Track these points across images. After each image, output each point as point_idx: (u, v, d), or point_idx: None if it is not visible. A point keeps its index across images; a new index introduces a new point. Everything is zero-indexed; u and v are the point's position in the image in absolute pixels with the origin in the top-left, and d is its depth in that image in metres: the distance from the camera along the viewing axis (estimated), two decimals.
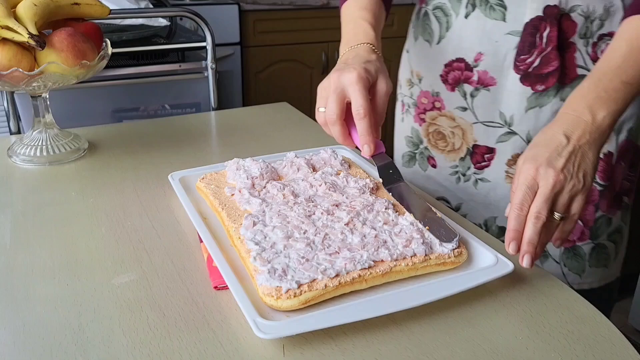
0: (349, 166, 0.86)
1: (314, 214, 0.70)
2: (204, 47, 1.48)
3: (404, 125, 1.06)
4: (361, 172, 0.84)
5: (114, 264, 0.68)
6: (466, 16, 0.88)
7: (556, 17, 0.82)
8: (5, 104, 1.33)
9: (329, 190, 0.76)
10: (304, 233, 0.66)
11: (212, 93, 1.43)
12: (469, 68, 0.90)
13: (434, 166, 1.01)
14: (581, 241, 0.92)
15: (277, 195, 0.75)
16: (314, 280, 0.59)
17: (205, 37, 1.43)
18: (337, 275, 0.59)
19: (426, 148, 1.02)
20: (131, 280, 0.65)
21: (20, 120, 1.41)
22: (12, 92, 1.34)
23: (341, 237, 0.66)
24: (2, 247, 0.72)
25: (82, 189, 0.88)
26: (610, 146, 0.88)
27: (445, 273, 0.65)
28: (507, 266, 0.64)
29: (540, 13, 0.82)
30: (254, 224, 0.68)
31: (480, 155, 0.95)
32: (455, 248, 0.65)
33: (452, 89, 0.94)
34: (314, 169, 0.82)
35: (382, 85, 0.72)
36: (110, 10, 1.02)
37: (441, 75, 0.95)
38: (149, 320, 0.58)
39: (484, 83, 0.90)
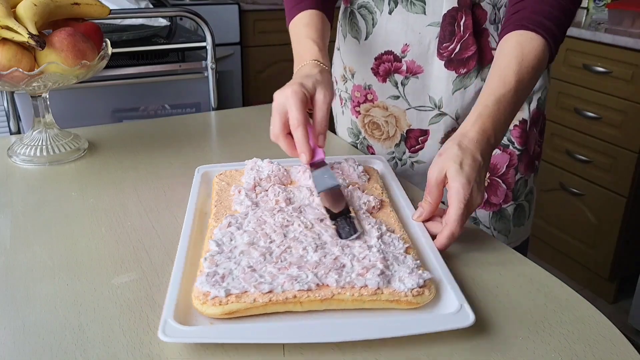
0: (369, 179, 0.83)
1: (292, 224, 0.68)
2: (204, 47, 1.48)
3: (345, 118, 1.13)
4: (377, 187, 0.80)
5: (114, 264, 0.68)
6: (390, 12, 0.95)
7: (469, 7, 0.91)
8: (5, 104, 1.33)
9: None
10: (270, 242, 0.64)
11: (212, 93, 1.44)
12: (397, 59, 0.97)
13: (373, 155, 1.07)
14: (506, 203, 1.00)
15: (272, 199, 0.74)
16: (245, 292, 0.57)
17: (205, 37, 1.43)
18: (270, 292, 0.57)
19: (365, 138, 1.09)
20: (131, 280, 0.65)
21: (20, 120, 1.41)
22: (12, 92, 1.34)
23: (302, 253, 0.63)
24: (2, 247, 0.72)
25: (82, 189, 0.88)
26: (524, 114, 0.97)
27: (402, 311, 0.59)
28: (467, 319, 0.56)
29: (455, 4, 0.91)
30: (229, 225, 0.68)
31: (415, 139, 1.03)
32: (417, 288, 0.58)
33: (384, 80, 1.00)
34: None
35: (319, 96, 0.77)
36: (110, 10, 1.02)
37: (372, 69, 1.01)
38: (149, 320, 0.58)
39: (413, 71, 0.97)
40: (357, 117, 1.08)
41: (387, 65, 0.98)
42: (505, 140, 0.97)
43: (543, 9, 0.78)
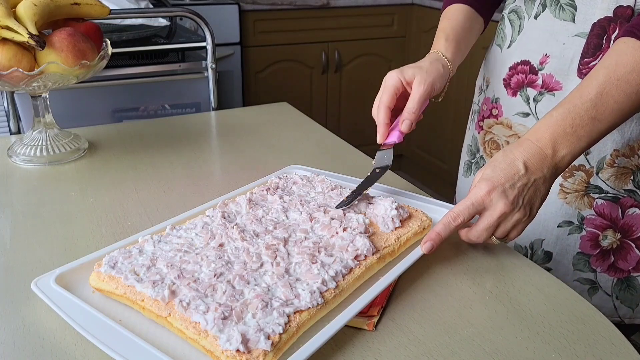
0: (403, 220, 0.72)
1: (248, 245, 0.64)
2: (204, 47, 1.48)
3: (469, 134, 1.05)
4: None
5: None
6: (535, 17, 0.86)
7: (628, 19, 0.76)
8: (5, 104, 1.33)
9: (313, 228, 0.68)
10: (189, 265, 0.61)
11: (212, 93, 1.43)
12: (533, 71, 0.87)
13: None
14: (637, 271, 0.85)
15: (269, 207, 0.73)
16: (121, 279, 0.58)
17: (205, 37, 1.43)
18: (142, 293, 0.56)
19: (481, 157, 0.99)
20: None
21: (20, 120, 1.41)
22: (12, 92, 1.34)
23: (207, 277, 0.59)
24: (2, 247, 0.72)
25: (82, 189, 0.88)
26: None
27: None
28: None
29: (610, 14, 0.77)
30: (204, 224, 0.69)
31: None
32: (240, 349, 0.50)
33: (514, 94, 0.90)
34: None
35: (415, 85, 0.79)
36: (110, 10, 1.02)
37: (504, 79, 0.92)
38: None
39: (549, 87, 0.85)
40: (479, 133, 0.99)
41: (521, 77, 0.88)
42: None
43: None
